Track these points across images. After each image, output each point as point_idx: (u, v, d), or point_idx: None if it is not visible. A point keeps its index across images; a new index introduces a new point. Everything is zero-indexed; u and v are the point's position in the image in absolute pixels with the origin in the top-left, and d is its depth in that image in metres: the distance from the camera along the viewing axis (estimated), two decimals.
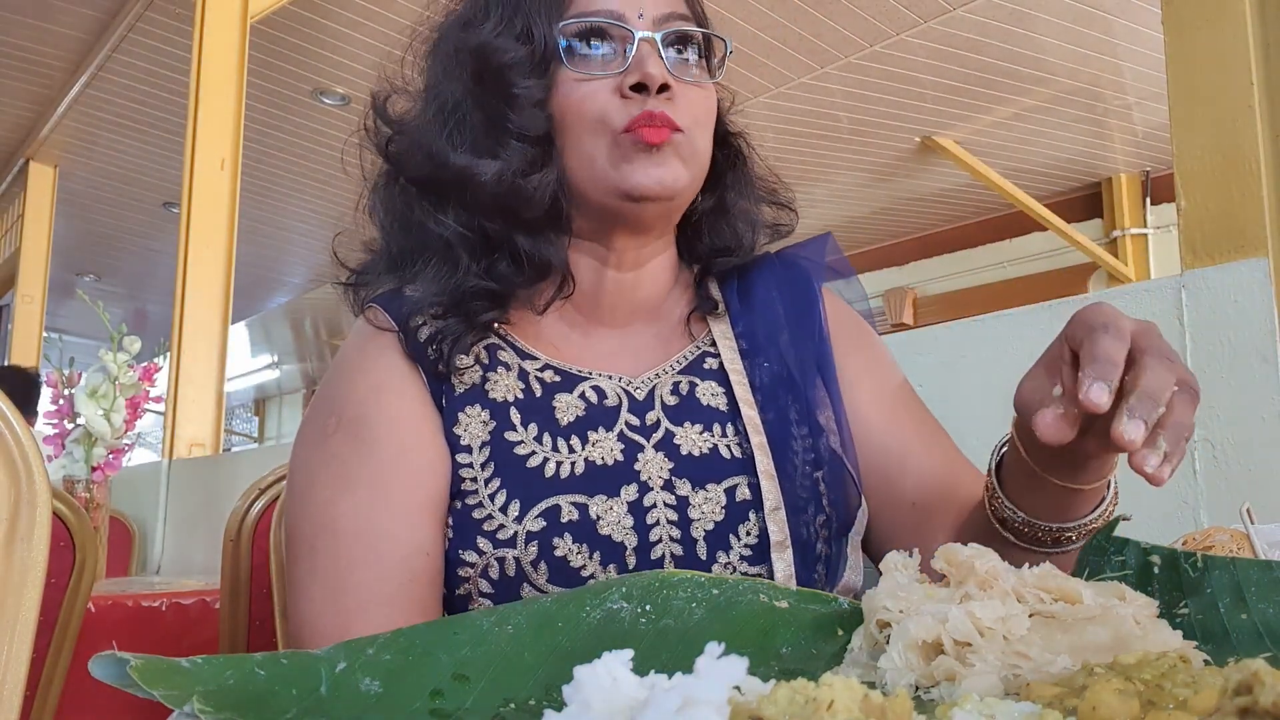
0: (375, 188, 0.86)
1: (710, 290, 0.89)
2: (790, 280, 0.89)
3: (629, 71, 0.76)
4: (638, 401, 0.81)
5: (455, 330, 0.78)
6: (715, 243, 0.88)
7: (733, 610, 0.52)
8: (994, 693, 0.43)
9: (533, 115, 0.77)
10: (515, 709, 0.43)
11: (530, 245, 0.79)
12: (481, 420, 0.78)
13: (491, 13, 0.80)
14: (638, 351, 0.85)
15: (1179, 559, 0.57)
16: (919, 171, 6.09)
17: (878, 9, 4.16)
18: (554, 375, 0.81)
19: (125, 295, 8.03)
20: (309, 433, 0.80)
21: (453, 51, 0.82)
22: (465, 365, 0.79)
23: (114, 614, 1.74)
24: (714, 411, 0.82)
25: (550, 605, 0.49)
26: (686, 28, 0.80)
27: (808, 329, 0.86)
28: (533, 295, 0.82)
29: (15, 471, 0.80)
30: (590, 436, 0.79)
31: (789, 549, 0.76)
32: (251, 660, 0.41)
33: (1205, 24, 1.11)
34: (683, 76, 0.79)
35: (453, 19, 0.85)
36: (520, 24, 0.78)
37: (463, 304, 0.79)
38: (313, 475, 0.77)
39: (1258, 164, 1.06)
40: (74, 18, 4.21)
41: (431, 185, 0.81)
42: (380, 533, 0.73)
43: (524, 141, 0.77)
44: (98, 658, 0.38)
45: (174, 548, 3.16)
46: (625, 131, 0.76)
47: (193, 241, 3.41)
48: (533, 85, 0.77)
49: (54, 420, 2.40)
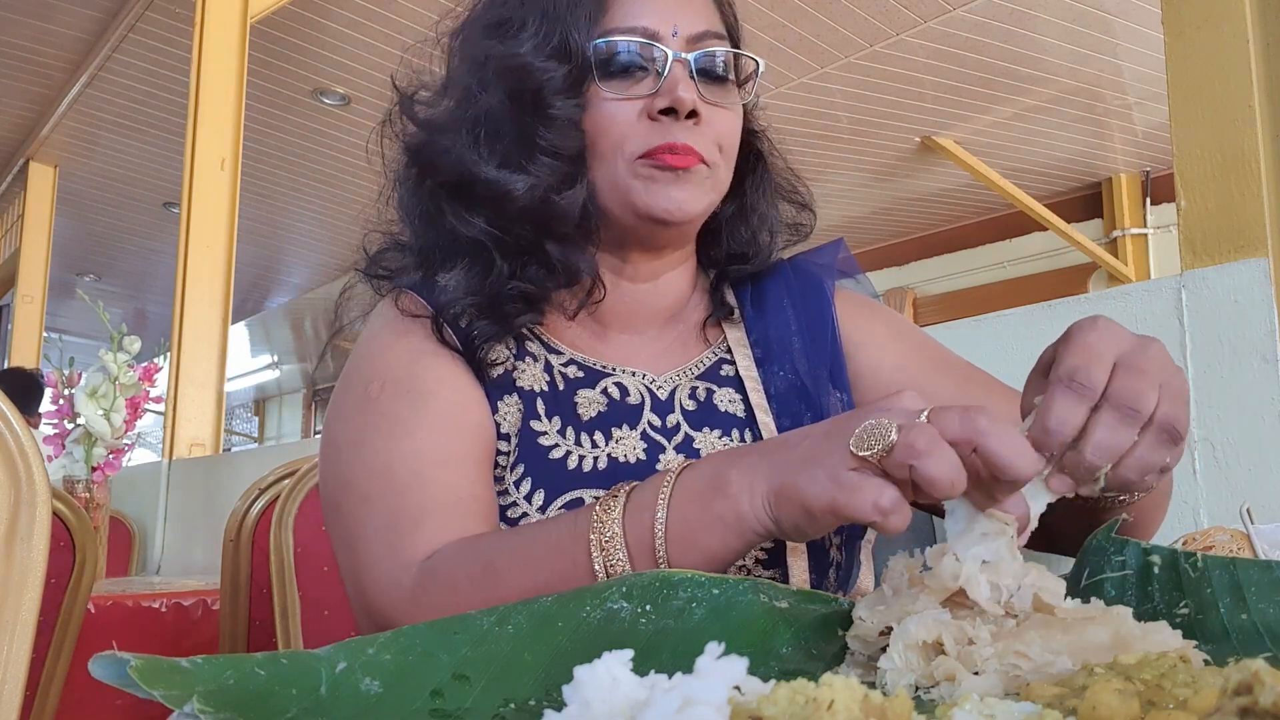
0: (401, 181, 0.85)
1: (725, 296, 0.89)
2: (803, 288, 0.89)
3: (659, 94, 0.76)
4: (660, 401, 0.82)
5: (490, 331, 0.78)
6: (733, 248, 0.88)
7: (733, 610, 0.52)
8: (994, 693, 0.43)
9: (567, 134, 0.77)
10: (515, 709, 0.43)
11: (560, 253, 0.79)
12: (516, 408, 0.78)
13: (529, 23, 0.78)
14: (658, 354, 0.85)
15: (1179, 559, 0.57)
16: (919, 171, 6.09)
17: (878, 9, 4.15)
18: (578, 371, 0.82)
19: (125, 295, 8.03)
20: (347, 400, 0.78)
21: (484, 59, 0.80)
22: (499, 359, 0.79)
23: (114, 614, 1.74)
24: (731, 418, 0.82)
25: (550, 605, 0.49)
26: (719, 48, 0.79)
27: (820, 336, 0.86)
28: (563, 299, 0.82)
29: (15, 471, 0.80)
30: (614, 433, 0.79)
31: (804, 554, 0.76)
32: (251, 660, 0.41)
33: (1205, 24, 1.11)
34: (713, 100, 0.78)
35: (479, 17, 0.83)
36: (558, 38, 0.77)
37: (498, 305, 0.79)
38: (360, 435, 0.75)
39: (1258, 164, 1.06)
40: (74, 18, 4.21)
41: (460, 190, 0.80)
42: (437, 472, 0.72)
43: (556, 158, 0.77)
44: (97, 658, 0.38)
45: (174, 548, 3.16)
46: (645, 155, 0.76)
47: (193, 241, 3.41)
48: (569, 104, 0.76)
49: (54, 420, 2.40)
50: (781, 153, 0.91)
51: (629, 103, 0.77)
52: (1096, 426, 0.54)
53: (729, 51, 0.80)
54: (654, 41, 0.77)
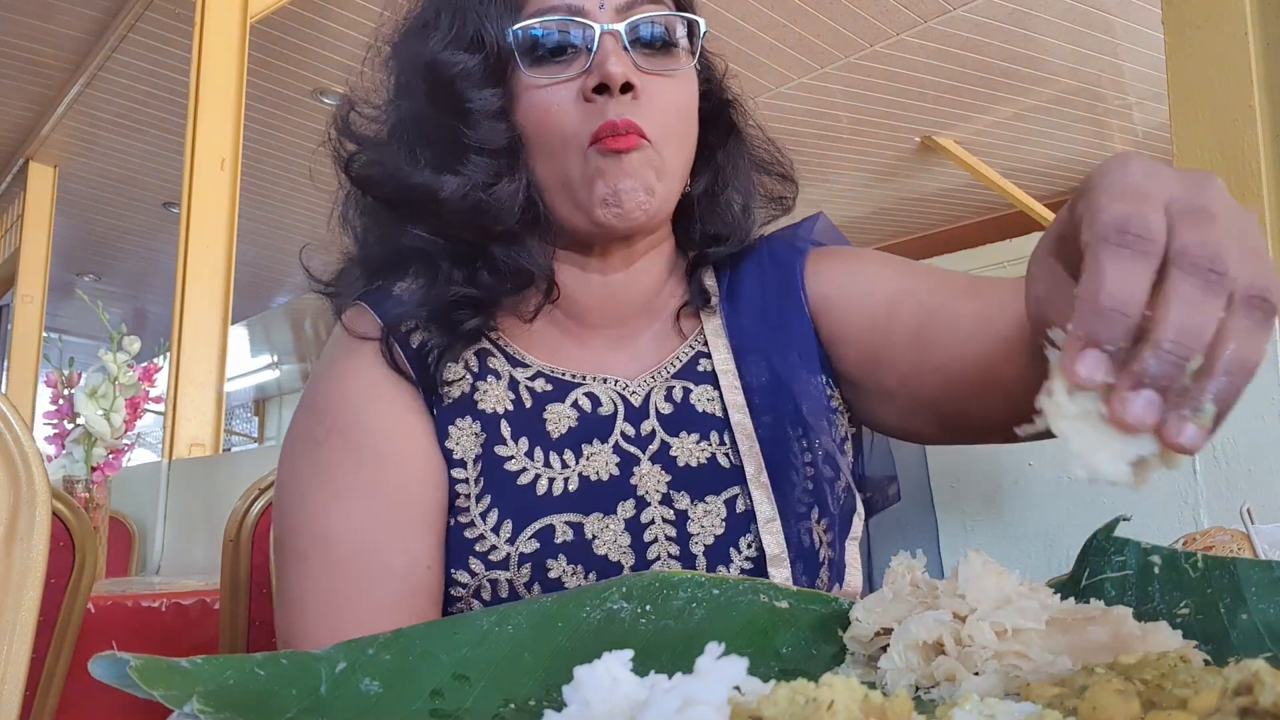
0: (342, 200, 0.81)
1: (704, 281, 0.83)
2: (774, 268, 0.83)
3: (590, 72, 0.71)
4: (634, 408, 0.77)
5: (441, 341, 0.75)
6: (708, 229, 0.82)
7: (733, 610, 0.52)
8: (994, 693, 0.43)
9: (491, 128, 0.72)
10: (515, 709, 0.43)
11: (507, 255, 0.75)
12: (473, 433, 0.74)
13: (441, 20, 0.75)
14: (635, 353, 0.80)
15: (1179, 559, 0.57)
16: (919, 171, 6.08)
17: (878, 9, 4.15)
18: (545, 384, 0.77)
19: (125, 295, 8.02)
20: (297, 440, 0.76)
21: (406, 64, 0.77)
22: (455, 377, 0.76)
23: (114, 614, 1.74)
24: (710, 419, 0.77)
25: (550, 605, 0.49)
26: (653, 13, 0.73)
27: (787, 319, 0.80)
28: (518, 303, 0.78)
29: (15, 471, 0.80)
30: (584, 450, 0.74)
31: (787, 562, 0.73)
32: (251, 660, 0.41)
33: (1205, 24, 1.11)
34: (653, 70, 0.73)
35: (406, 26, 0.79)
36: (470, 29, 0.73)
37: (446, 313, 0.75)
38: (303, 485, 0.73)
39: (1258, 164, 1.06)
40: (74, 18, 4.21)
41: (399, 203, 0.76)
42: (377, 544, 0.70)
43: (485, 155, 0.72)
44: (97, 658, 0.38)
45: (174, 548, 3.15)
46: (594, 142, 0.70)
47: (193, 241, 3.41)
48: (488, 96, 0.72)
49: (54, 420, 2.40)
50: (758, 123, 0.85)
51: (561, 87, 0.72)
52: (1171, 300, 0.37)
53: (666, 15, 0.74)
54: (577, 17, 0.71)
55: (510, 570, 0.71)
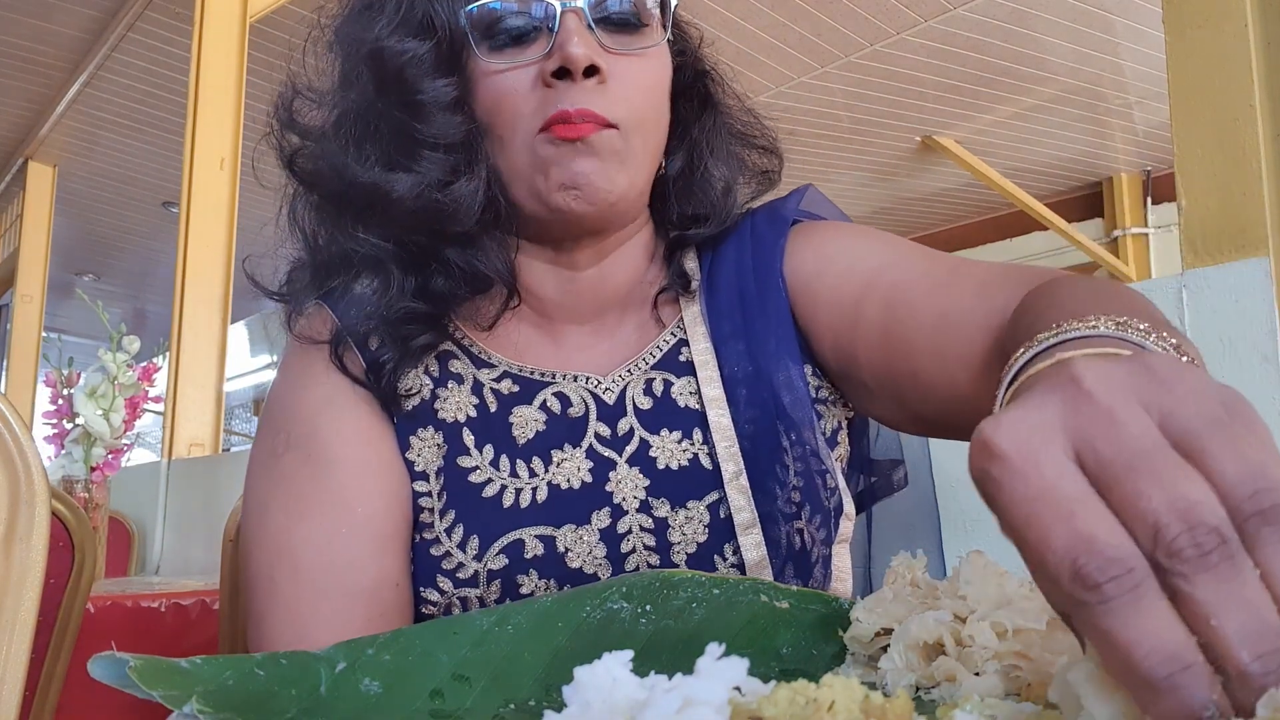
0: (289, 197, 0.76)
1: (684, 264, 0.77)
2: (756, 245, 0.76)
3: (550, 55, 0.65)
4: (608, 407, 0.71)
5: (394, 355, 0.70)
6: (687, 209, 0.76)
7: (733, 610, 0.52)
8: (994, 693, 0.43)
9: (445, 121, 0.66)
10: (515, 709, 0.43)
11: (463, 259, 0.69)
12: (435, 444, 0.70)
13: (387, 2, 0.68)
14: (611, 346, 0.75)
15: None
16: (919, 171, 6.08)
17: (878, 8, 4.15)
18: (512, 385, 0.72)
19: (125, 295, 8.02)
20: (259, 452, 0.71)
21: (350, 52, 0.71)
22: (411, 390, 0.71)
23: (113, 614, 1.74)
24: (693, 414, 0.71)
25: (550, 605, 0.49)
26: None
27: (765, 303, 0.74)
28: (475, 310, 0.72)
29: (14, 471, 0.80)
30: (554, 456, 0.69)
31: (769, 569, 0.68)
32: (251, 660, 0.41)
33: (1206, 23, 1.11)
34: (621, 49, 0.67)
35: (350, 8, 0.72)
36: (419, 12, 0.67)
37: (394, 328, 0.69)
38: (266, 500, 0.69)
39: (1259, 163, 1.06)
40: (74, 18, 4.21)
41: (346, 203, 0.70)
42: (343, 562, 0.66)
43: (440, 150, 0.66)
44: (97, 658, 0.38)
45: (173, 548, 3.15)
46: (543, 130, 0.65)
47: (192, 241, 3.41)
48: (441, 86, 0.66)
49: (53, 420, 2.40)
50: (738, 94, 0.78)
51: (520, 71, 0.66)
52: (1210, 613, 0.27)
53: None
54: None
55: (480, 588, 0.67)
